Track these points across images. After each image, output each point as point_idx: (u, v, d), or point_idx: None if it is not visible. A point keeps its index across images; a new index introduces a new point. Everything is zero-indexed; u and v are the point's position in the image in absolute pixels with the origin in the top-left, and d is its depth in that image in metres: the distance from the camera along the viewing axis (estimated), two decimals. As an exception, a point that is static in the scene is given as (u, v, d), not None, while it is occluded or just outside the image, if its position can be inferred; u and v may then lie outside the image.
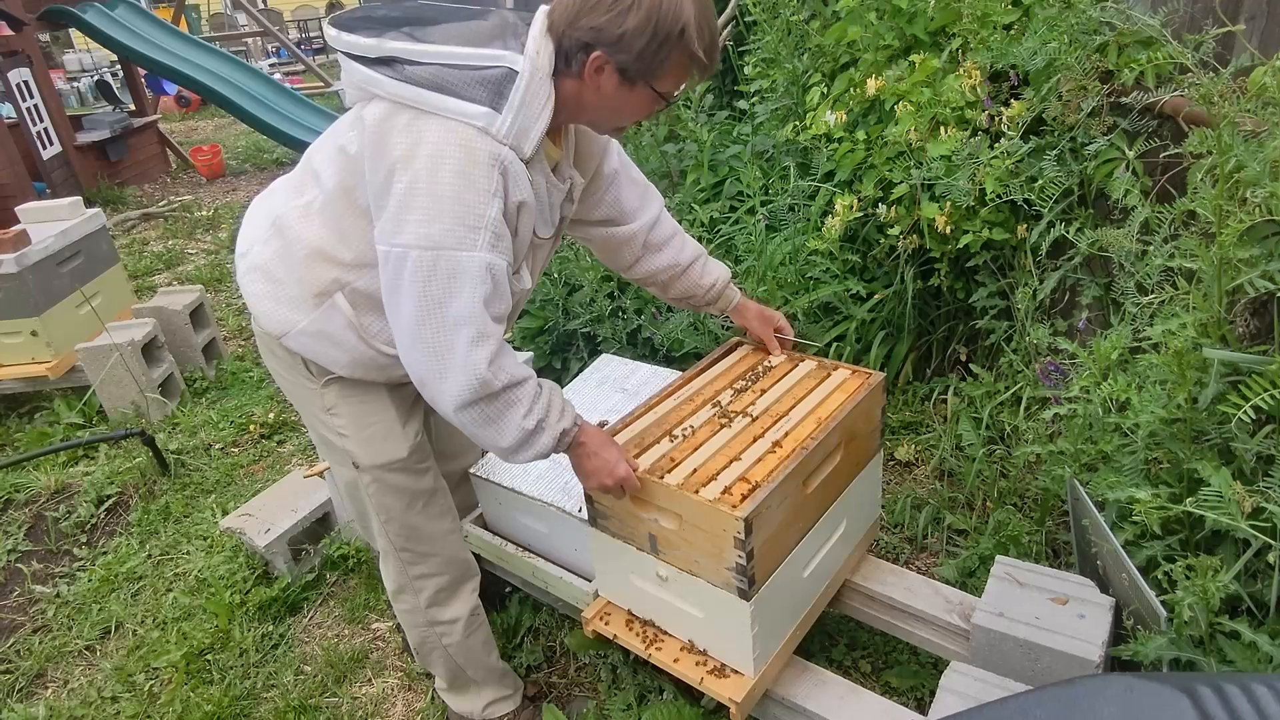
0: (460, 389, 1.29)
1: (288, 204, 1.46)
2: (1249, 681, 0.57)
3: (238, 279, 1.52)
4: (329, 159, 1.39)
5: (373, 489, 1.60)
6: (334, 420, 1.55)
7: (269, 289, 1.46)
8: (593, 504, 1.61)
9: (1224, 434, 1.45)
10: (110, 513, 2.91)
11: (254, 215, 1.56)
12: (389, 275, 1.29)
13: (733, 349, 1.93)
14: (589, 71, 1.28)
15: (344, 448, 1.57)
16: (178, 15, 9.68)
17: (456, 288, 1.26)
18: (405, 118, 1.25)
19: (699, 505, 1.41)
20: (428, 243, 1.24)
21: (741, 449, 1.55)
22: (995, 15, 2.39)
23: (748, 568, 1.39)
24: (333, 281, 1.41)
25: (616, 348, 3.01)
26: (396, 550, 1.67)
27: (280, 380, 1.62)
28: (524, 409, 1.34)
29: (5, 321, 3.38)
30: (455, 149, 1.23)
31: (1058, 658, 1.48)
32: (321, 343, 1.46)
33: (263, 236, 1.48)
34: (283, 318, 1.45)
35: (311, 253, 1.41)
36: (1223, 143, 1.38)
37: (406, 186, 1.23)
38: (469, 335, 1.27)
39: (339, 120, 1.43)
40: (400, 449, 1.58)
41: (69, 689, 2.22)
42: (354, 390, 1.54)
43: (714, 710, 1.80)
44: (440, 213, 1.23)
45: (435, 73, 1.24)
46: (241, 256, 1.53)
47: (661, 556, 1.53)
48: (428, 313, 1.27)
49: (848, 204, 2.60)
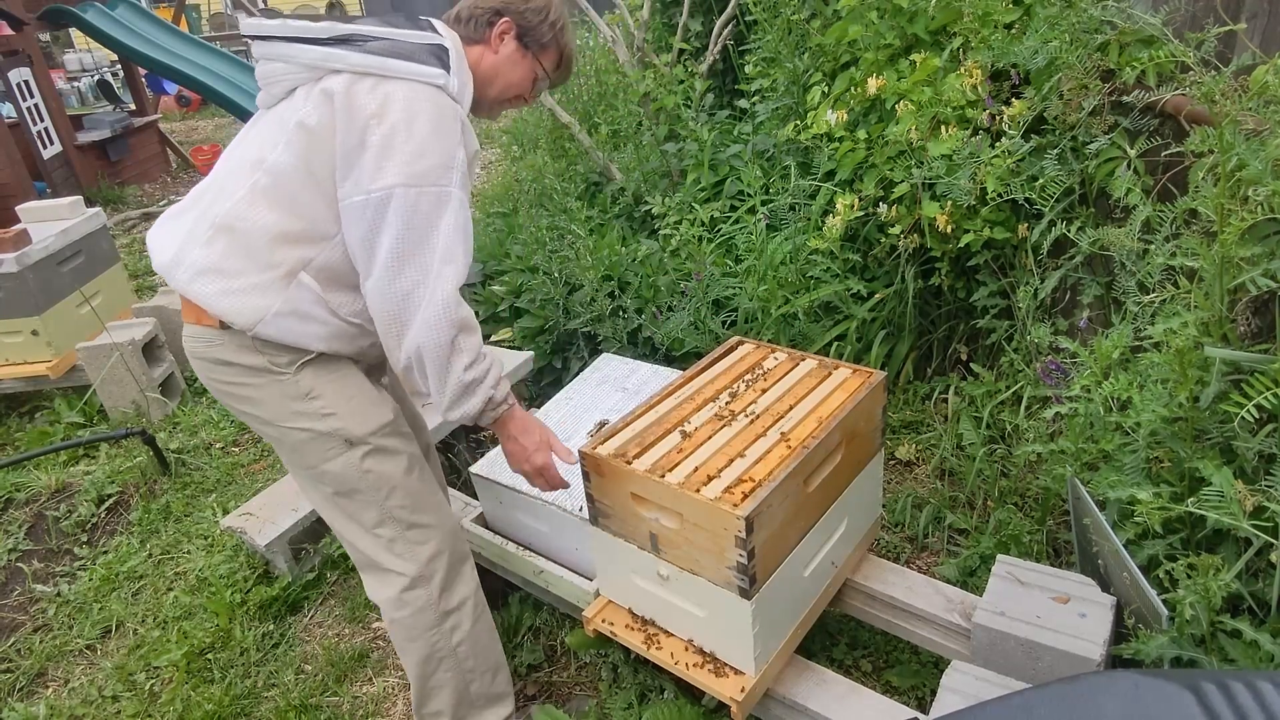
0: (429, 310, 1.38)
1: (222, 204, 1.46)
2: (1254, 678, 0.57)
3: (180, 289, 1.49)
4: (277, 140, 1.44)
5: (370, 461, 1.58)
6: (315, 404, 1.55)
7: (226, 284, 1.45)
8: (594, 503, 1.61)
9: (1225, 433, 1.45)
10: (111, 512, 2.91)
11: (167, 233, 1.54)
12: (366, 222, 1.38)
13: (733, 348, 1.93)
14: (495, 35, 1.57)
15: (332, 429, 1.55)
16: (178, 15, 9.69)
17: (438, 219, 1.39)
18: (369, 82, 1.39)
19: (700, 504, 1.41)
20: (411, 180, 1.36)
21: (742, 448, 1.55)
22: (996, 14, 2.39)
23: (749, 566, 1.39)
24: (297, 260, 1.46)
25: (617, 347, 3.01)
26: (404, 529, 1.63)
27: (238, 394, 1.57)
28: (467, 359, 1.43)
29: (6, 321, 3.38)
30: (425, 102, 1.40)
31: (1059, 657, 1.48)
32: (299, 321, 1.48)
33: (199, 240, 1.47)
34: (253, 306, 1.45)
35: (274, 237, 1.44)
36: (1224, 141, 1.38)
37: (384, 135, 1.36)
38: (440, 256, 1.39)
39: (271, 111, 1.50)
40: (386, 412, 1.61)
41: (70, 688, 2.22)
42: (328, 368, 1.56)
43: (715, 709, 1.80)
44: (421, 153, 1.37)
45: (391, 45, 1.42)
46: (174, 267, 1.49)
47: (663, 555, 1.53)
48: (411, 248, 1.37)
49: (848, 203, 2.60)
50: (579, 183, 4.11)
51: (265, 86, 1.51)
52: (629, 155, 3.92)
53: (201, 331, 1.53)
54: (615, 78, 4.37)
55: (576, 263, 3.11)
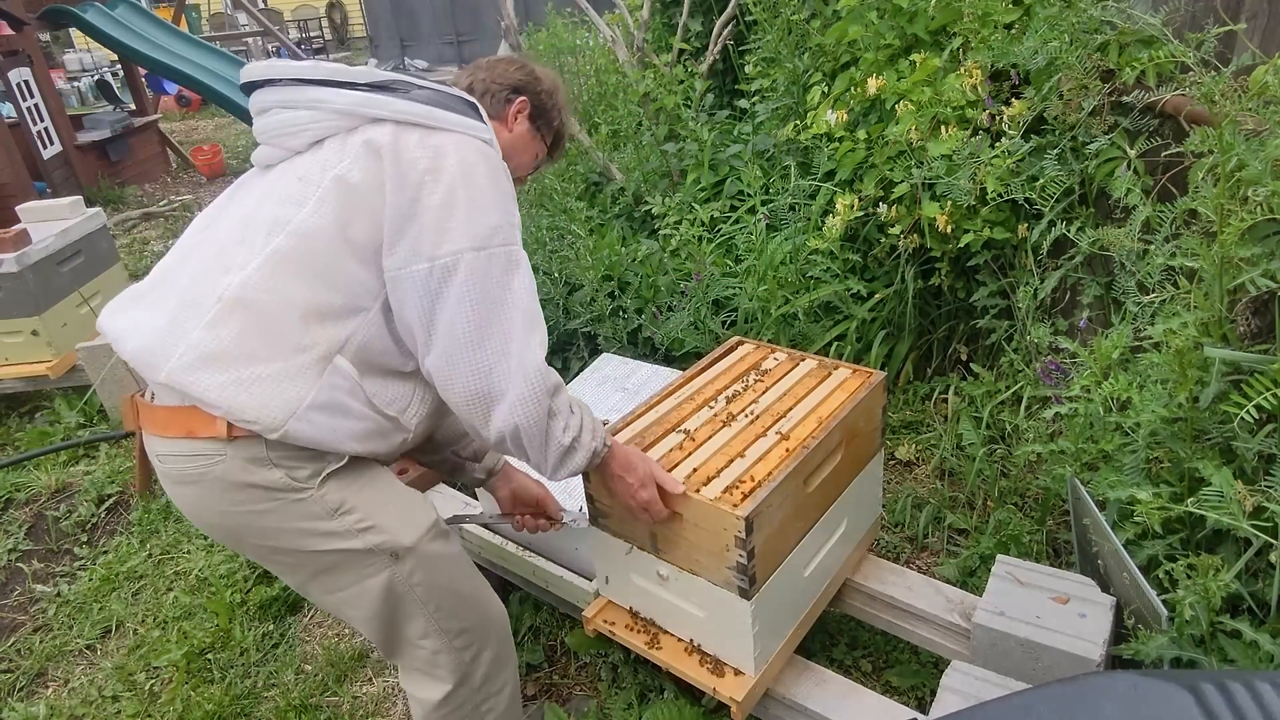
0: (521, 386, 1.23)
1: (229, 275, 1.22)
2: (1253, 679, 0.57)
3: (172, 382, 1.19)
4: (303, 198, 1.24)
5: (417, 576, 1.36)
6: (347, 519, 1.30)
7: (244, 372, 1.19)
8: (593, 502, 1.61)
9: (1225, 433, 1.45)
10: (111, 512, 2.91)
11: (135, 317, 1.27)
12: (430, 293, 1.21)
13: (733, 348, 1.93)
14: (511, 113, 1.51)
15: (372, 545, 1.32)
16: (178, 15, 9.69)
17: (510, 282, 1.25)
18: (416, 135, 1.26)
19: (700, 504, 1.41)
20: (478, 243, 1.22)
21: (742, 448, 1.55)
22: (996, 14, 2.39)
23: (749, 566, 1.39)
24: (333, 340, 1.24)
25: (617, 347, 3.01)
26: (450, 640, 1.43)
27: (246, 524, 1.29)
28: (563, 422, 1.30)
29: (6, 321, 3.38)
30: (479, 155, 1.28)
31: (1059, 657, 1.48)
32: (334, 415, 1.24)
33: (200, 319, 1.20)
34: (283, 399, 1.20)
35: (306, 312, 1.22)
36: (1224, 141, 1.38)
37: (444, 195, 1.22)
38: (524, 323, 1.25)
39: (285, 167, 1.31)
40: (428, 510, 1.41)
41: (70, 688, 2.22)
42: (355, 476, 1.32)
43: (714, 709, 1.80)
44: (484, 212, 1.24)
45: (435, 95, 1.31)
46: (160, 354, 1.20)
47: (662, 555, 1.53)
48: (488, 318, 1.23)
49: (848, 203, 2.60)
50: (579, 183, 4.11)
51: (274, 140, 1.32)
52: (629, 155, 3.92)
53: (194, 447, 1.23)
54: (615, 78, 4.38)
55: (576, 263, 3.11)
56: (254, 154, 1.37)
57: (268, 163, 1.35)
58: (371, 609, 1.37)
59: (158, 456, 1.29)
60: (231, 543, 1.39)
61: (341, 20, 18.14)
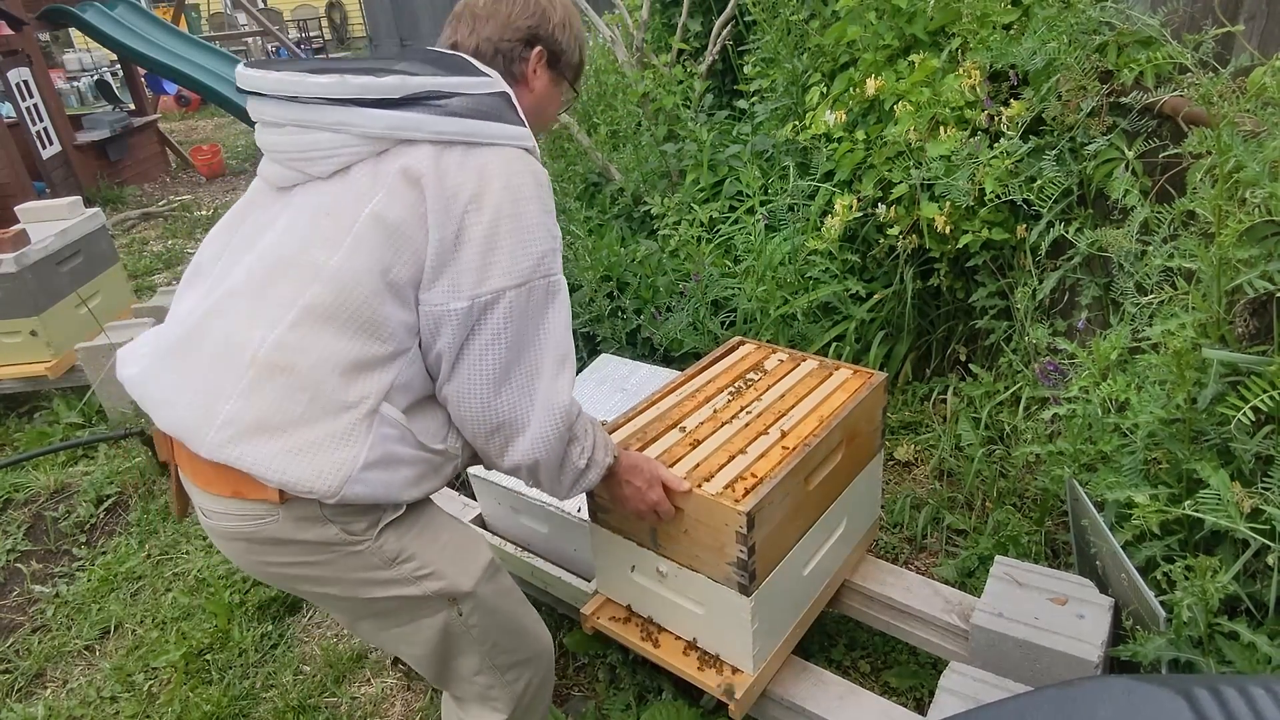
0: (542, 427, 1.20)
1: (267, 328, 1.13)
2: (1246, 684, 0.57)
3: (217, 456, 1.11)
4: (337, 239, 1.13)
5: (474, 618, 1.32)
6: (405, 568, 1.25)
7: (288, 443, 1.11)
8: (593, 498, 1.61)
9: (1223, 434, 1.45)
10: (110, 512, 2.91)
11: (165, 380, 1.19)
12: (465, 327, 1.15)
13: (734, 348, 1.93)
14: (531, 70, 1.34)
15: (428, 591, 1.27)
16: (178, 15, 9.69)
17: (544, 312, 1.19)
18: (455, 155, 1.14)
19: (701, 500, 1.41)
20: (519, 279, 1.15)
21: (743, 445, 1.55)
22: (995, 15, 2.39)
23: (749, 562, 1.39)
24: (378, 390, 1.15)
25: (616, 347, 3.01)
26: (503, 675, 1.39)
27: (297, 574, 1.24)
28: (579, 447, 1.28)
29: (5, 321, 3.37)
30: (523, 174, 1.17)
31: (1057, 658, 1.48)
32: (389, 468, 1.18)
33: (237, 388, 1.12)
34: (335, 463, 1.11)
35: (348, 368, 1.12)
36: (1222, 143, 1.38)
37: (487, 228, 1.13)
38: (555, 360, 1.21)
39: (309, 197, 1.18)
40: (484, 548, 1.36)
41: (68, 689, 2.22)
42: (410, 524, 1.27)
43: (713, 710, 1.80)
44: (529, 245, 1.16)
45: (471, 101, 1.16)
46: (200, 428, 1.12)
47: (662, 551, 1.53)
48: (519, 355, 1.18)
49: (847, 204, 2.61)
50: (578, 183, 4.11)
51: (290, 163, 1.18)
52: (628, 155, 3.92)
53: (244, 508, 1.17)
54: (614, 78, 4.37)
55: (575, 263, 3.11)
56: (263, 168, 1.24)
57: (282, 184, 1.22)
58: (426, 649, 1.33)
59: (203, 510, 1.23)
60: (283, 587, 1.36)
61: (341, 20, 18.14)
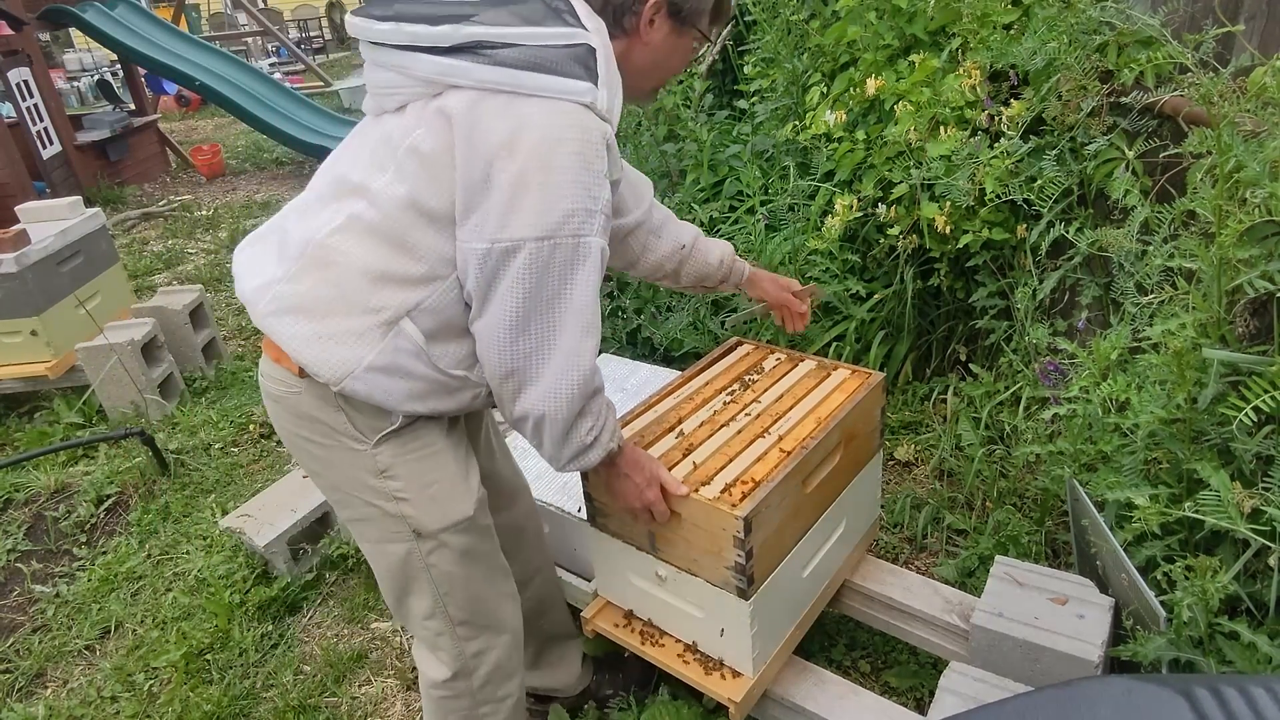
0: (557, 382, 1.21)
1: (317, 228, 1.26)
2: (1246, 684, 0.57)
3: (260, 324, 1.29)
4: (384, 163, 1.23)
5: (434, 558, 1.40)
6: (389, 484, 1.35)
7: (313, 329, 1.24)
8: (592, 502, 1.61)
9: (1224, 434, 1.45)
10: (110, 512, 2.91)
11: (250, 257, 1.35)
12: (487, 271, 1.18)
13: (732, 348, 1.93)
14: (643, 24, 1.27)
15: (400, 513, 1.36)
16: (178, 14, 9.70)
17: (574, 276, 1.18)
18: (498, 102, 1.15)
19: (698, 504, 1.41)
20: (545, 232, 1.15)
21: (741, 448, 1.55)
22: (995, 15, 2.39)
23: (747, 566, 1.39)
24: (401, 304, 1.24)
25: (616, 347, 3.01)
26: (454, 628, 1.46)
27: (305, 446, 1.37)
28: (590, 422, 1.27)
29: (5, 321, 3.37)
30: (568, 129, 1.15)
31: (1057, 658, 1.48)
32: (392, 377, 1.26)
33: (289, 271, 1.27)
34: (341, 358, 1.24)
35: (375, 276, 1.23)
36: (1222, 143, 1.38)
37: (516, 175, 1.14)
38: (581, 324, 1.20)
39: (379, 125, 1.27)
40: (467, 505, 1.40)
41: (68, 689, 2.22)
42: (411, 447, 1.35)
43: (713, 710, 1.80)
44: (559, 199, 1.15)
45: (527, 53, 1.15)
46: (257, 299, 1.29)
47: (660, 555, 1.53)
48: (539, 307, 1.18)
49: (847, 204, 2.61)
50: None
51: (374, 95, 1.29)
52: (628, 155, 3.92)
53: (281, 373, 1.33)
54: (615, 78, 4.37)
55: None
56: (364, 103, 1.34)
57: (374, 112, 1.31)
58: (388, 571, 1.43)
59: (261, 373, 1.40)
60: (299, 460, 1.45)
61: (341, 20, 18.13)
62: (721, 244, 1.76)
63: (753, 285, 1.80)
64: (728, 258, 1.75)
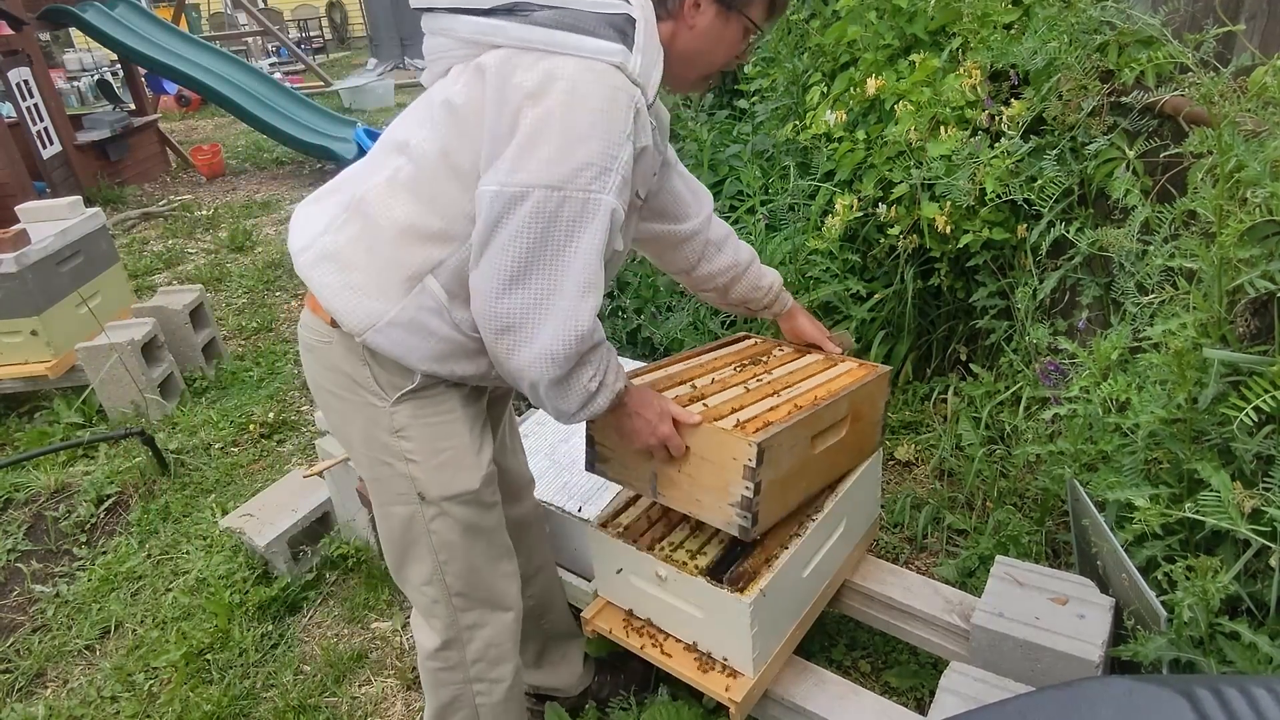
0: (553, 343, 1.18)
1: (366, 182, 1.31)
2: (1248, 684, 0.57)
3: (301, 272, 1.33)
4: (424, 120, 1.27)
5: (436, 524, 1.42)
6: (402, 444, 1.37)
7: (345, 279, 1.28)
8: (594, 445, 1.58)
9: (1224, 434, 1.44)
10: (110, 512, 2.91)
11: (312, 210, 1.39)
12: (493, 216, 1.16)
13: (739, 340, 1.92)
14: (688, 6, 1.28)
15: (408, 474, 1.38)
16: (178, 14, 9.70)
17: (579, 232, 1.16)
18: (531, 57, 1.17)
19: (711, 432, 1.37)
20: (555, 181, 1.13)
21: (753, 401, 1.54)
22: (995, 15, 2.39)
23: (753, 502, 1.36)
24: (424, 261, 1.26)
25: (616, 347, 3.01)
26: (450, 596, 1.48)
27: (330, 398, 1.41)
28: (591, 370, 1.25)
29: (5, 321, 3.37)
30: (595, 84, 1.15)
31: (1057, 658, 1.48)
32: (413, 333, 1.28)
33: (335, 222, 1.31)
34: (367, 310, 1.27)
35: (402, 230, 1.25)
36: (1223, 142, 1.38)
37: (536, 121, 1.14)
38: (581, 283, 1.18)
39: (430, 91, 1.32)
40: (473, 479, 1.41)
41: (69, 688, 2.22)
42: (428, 410, 1.37)
43: (713, 710, 1.80)
44: (574, 150, 1.14)
45: (561, 15, 1.18)
46: (303, 250, 1.33)
47: (661, 495, 1.51)
48: (540, 259, 1.16)
49: (848, 203, 2.60)
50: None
51: (429, 62, 1.33)
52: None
53: (316, 323, 1.37)
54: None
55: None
56: (422, 76, 1.38)
57: (428, 81, 1.36)
58: (391, 532, 1.46)
59: (300, 323, 1.43)
60: (325, 414, 1.47)
61: (341, 20, 18.15)
62: (773, 272, 1.78)
63: (789, 319, 1.83)
64: (777, 285, 1.77)
